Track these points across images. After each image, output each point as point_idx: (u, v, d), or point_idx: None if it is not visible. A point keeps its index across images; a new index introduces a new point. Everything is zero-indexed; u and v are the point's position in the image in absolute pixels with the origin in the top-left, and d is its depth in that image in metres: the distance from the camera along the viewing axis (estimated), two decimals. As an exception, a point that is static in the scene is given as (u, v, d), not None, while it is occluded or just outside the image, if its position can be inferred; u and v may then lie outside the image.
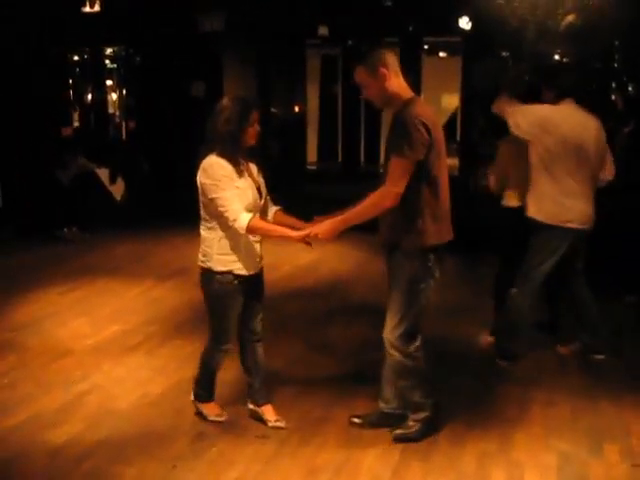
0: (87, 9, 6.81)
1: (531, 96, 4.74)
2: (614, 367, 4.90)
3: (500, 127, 4.83)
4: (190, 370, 4.30)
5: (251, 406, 4.13)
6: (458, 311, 5.97)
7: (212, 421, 4.07)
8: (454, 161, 11.05)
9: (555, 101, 4.68)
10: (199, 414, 4.13)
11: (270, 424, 4.03)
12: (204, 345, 4.04)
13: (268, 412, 4.07)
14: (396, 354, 3.79)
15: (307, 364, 4.99)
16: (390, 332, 3.77)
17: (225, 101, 3.70)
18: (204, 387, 4.11)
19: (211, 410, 4.12)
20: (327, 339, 5.45)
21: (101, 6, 6.86)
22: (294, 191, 8.86)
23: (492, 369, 4.89)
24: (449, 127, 14.27)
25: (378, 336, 3.82)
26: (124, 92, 12.61)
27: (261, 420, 4.07)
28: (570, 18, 5.55)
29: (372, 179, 11.99)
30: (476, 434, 3.98)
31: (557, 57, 10.80)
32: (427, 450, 3.80)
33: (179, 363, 4.94)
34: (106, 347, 5.28)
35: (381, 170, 3.81)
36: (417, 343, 3.83)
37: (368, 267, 7.56)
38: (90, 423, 4.09)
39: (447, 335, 5.44)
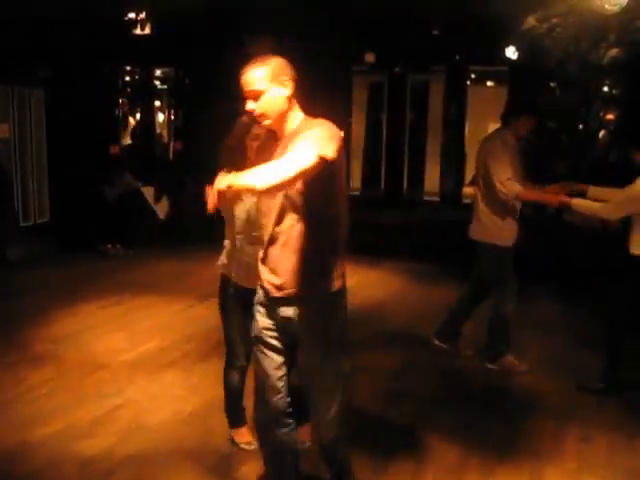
0: (138, 31, 6.97)
1: None
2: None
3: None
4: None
5: None
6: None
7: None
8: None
9: None
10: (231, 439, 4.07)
11: None
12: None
13: None
14: None
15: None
16: None
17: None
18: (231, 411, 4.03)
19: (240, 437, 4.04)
20: (361, 364, 5.42)
21: (151, 29, 7.02)
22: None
23: (528, 402, 4.82)
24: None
25: (413, 362, 3.78)
26: (172, 112, 12.81)
27: None
28: (614, 52, 5.50)
29: (414, 206, 11.79)
30: (507, 467, 3.91)
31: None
32: (456, 481, 3.75)
33: (213, 382, 4.91)
34: (142, 363, 5.35)
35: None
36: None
37: (408, 295, 7.51)
38: (121, 437, 4.13)
39: (486, 367, 5.40)
